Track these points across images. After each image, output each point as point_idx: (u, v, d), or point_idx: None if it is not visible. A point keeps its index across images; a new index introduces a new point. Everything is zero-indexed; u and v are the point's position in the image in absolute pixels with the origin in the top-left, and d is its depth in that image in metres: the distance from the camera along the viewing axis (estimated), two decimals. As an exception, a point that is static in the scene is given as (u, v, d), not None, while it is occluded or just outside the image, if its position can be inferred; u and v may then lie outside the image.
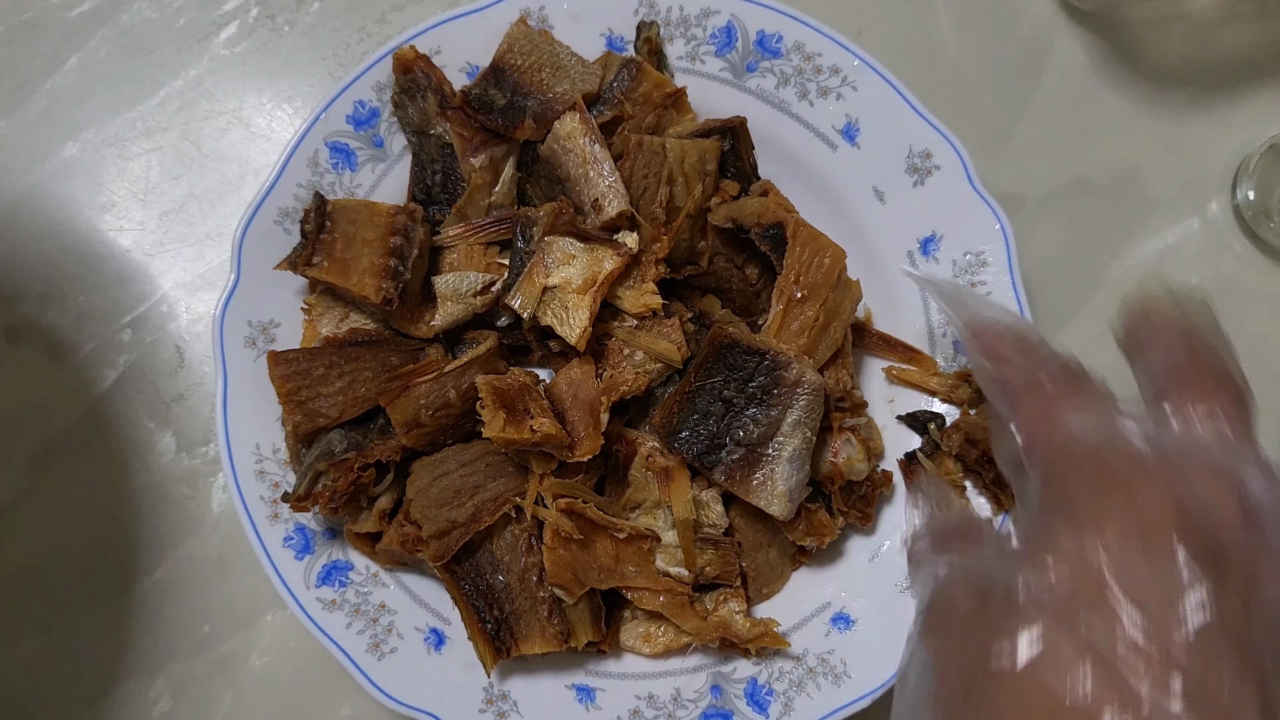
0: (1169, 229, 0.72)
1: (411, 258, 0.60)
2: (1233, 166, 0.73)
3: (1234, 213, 0.73)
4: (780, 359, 0.57)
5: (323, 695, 0.66)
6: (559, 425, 0.56)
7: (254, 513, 0.60)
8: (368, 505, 0.60)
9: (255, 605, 0.66)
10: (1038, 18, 0.74)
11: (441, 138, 0.64)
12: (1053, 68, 0.74)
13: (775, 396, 0.57)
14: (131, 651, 0.66)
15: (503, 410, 0.56)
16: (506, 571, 0.59)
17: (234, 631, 0.66)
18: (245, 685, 0.66)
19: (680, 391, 0.58)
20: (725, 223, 0.61)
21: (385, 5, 0.75)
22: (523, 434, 0.55)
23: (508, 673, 0.61)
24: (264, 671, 0.67)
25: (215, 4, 0.74)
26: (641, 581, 0.60)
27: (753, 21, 0.65)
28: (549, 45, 0.65)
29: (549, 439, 0.56)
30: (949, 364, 0.64)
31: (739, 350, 0.57)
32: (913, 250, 0.65)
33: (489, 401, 0.56)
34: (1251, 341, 0.71)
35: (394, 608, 0.61)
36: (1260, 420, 0.68)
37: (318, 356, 0.60)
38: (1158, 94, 0.74)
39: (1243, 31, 0.75)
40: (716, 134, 0.63)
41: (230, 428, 0.60)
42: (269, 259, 0.62)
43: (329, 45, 0.74)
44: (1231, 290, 0.72)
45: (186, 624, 0.66)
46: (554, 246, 0.60)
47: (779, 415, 0.57)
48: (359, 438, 0.60)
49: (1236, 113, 0.74)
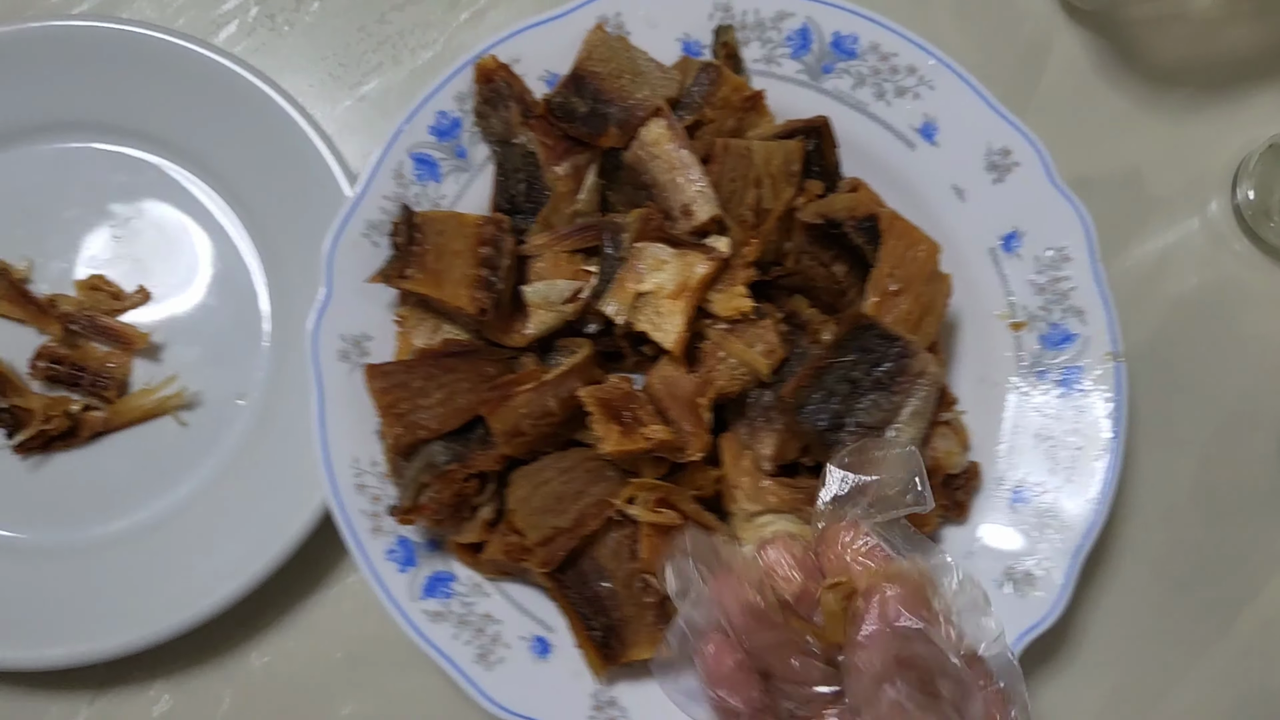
0: (1169, 229, 0.73)
1: (503, 267, 0.60)
2: (1233, 166, 0.74)
3: (1234, 212, 0.74)
4: (910, 348, 0.58)
5: (323, 695, 0.67)
6: (669, 429, 0.57)
7: (356, 526, 0.60)
8: (470, 516, 0.60)
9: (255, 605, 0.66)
10: (1038, 18, 0.75)
11: (525, 147, 0.64)
12: (1053, 68, 0.74)
13: (898, 384, 0.57)
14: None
15: (614, 423, 0.56)
16: (611, 578, 0.60)
17: (234, 631, 0.66)
18: (245, 685, 0.67)
19: (812, 366, 0.59)
20: (816, 219, 0.61)
21: (385, 5, 0.75)
22: (638, 444, 0.56)
23: (613, 679, 0.61)
24: (264, 671, 0.67)
25: (215, 4, 0.75)
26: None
27: (828, 23, 0.66)
28: (627, 51, 0.65)
29: (662, 445, 0.56)
30: (1034, 360, 0.65)
31: (874, 333, 0.58)
32: (994, 247, 0.65)
33: (598, 416, 0.56)
34: (1251, 341, 0.72)
35: (499, 617, 0.61)
36: (1260, 420, 0.70)
37: (415, 369, 0.60)
38: (1158, 94, 0.75)
39: (1243, 31, 0.76)
40: (800, 135, 0.64)
41: (329, 442, 0.60)
42: (358, 272, 0.62)
43: (329, 45, 0.74)
44: (1231, 290, 0.73)
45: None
46: (645, 252, 0.60)
47: (898, 403, 0.57)
48: (460, 449, 0.60)
49: (1236, 113, 0.75)
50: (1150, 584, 0.69)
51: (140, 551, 0.66)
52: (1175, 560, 0.70)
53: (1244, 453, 0.71)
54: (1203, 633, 0.69)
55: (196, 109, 0.69)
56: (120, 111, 0.70)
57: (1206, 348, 0.71)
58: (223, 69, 0.68)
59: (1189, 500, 0.70)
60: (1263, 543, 0.70)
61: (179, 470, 0.68)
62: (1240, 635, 0.69)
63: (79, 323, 0.68)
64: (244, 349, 0.69)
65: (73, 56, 0.69)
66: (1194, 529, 0.70)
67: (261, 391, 0.69)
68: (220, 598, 0.63)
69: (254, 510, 0.65)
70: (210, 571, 0.63)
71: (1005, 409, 0.65)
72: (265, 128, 0.68)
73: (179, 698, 0.66)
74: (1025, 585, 0.62)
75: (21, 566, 0.66)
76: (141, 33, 0.68)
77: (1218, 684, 0.68)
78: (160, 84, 0.69)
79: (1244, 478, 0.71)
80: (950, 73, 0.65)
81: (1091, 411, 0.63)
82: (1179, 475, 0.71)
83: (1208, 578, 0.70)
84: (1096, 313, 0.64)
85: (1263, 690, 0.69)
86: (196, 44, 0.68)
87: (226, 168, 0.70)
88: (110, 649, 0.62)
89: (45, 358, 0.68)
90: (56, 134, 0.71)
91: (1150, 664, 0.69)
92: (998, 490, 0.64)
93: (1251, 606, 0.69)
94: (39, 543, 0.67)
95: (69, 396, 0.68)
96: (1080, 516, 0.62)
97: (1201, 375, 0.71)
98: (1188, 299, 0.71)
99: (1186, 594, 0.69)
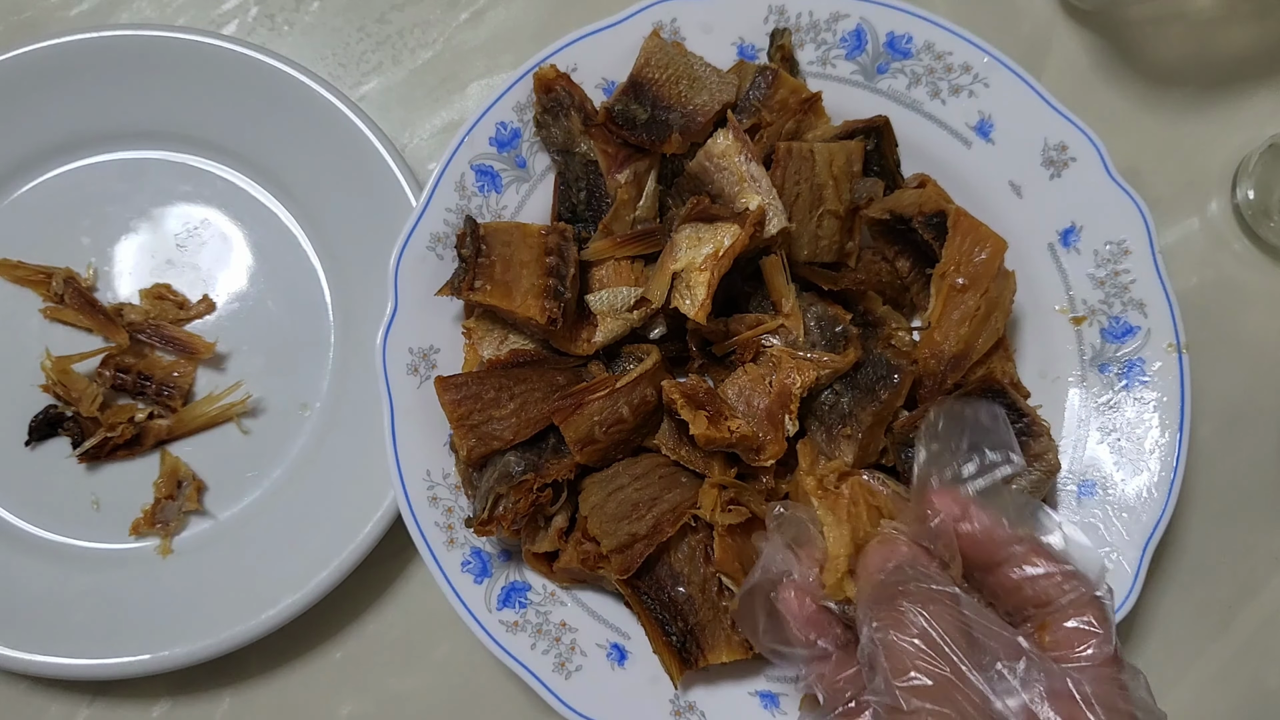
0: (1169, 229, 0.73)
1: (569, 276, 0.60)
2: (1232, 166, 0.74)
3: (1234, 212, 0.74)
4: (1036, 428, 0.58)
5: (323, 695, 0.67)
6: (750, 426, 0.57)
7: (431, 539, 0.60)
8: (544, 525, 0.60)
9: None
10: (1038, 18, 0.76)
11: (585, 155, 0.64)
12: (1053, 68, 0.75)
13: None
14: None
15: (701, 410, 0.56)
16: (687, 583, 0.60)
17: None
18: (245, 685, 0.67)
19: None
20: (883, 214, 0.61)
21: (384, 4, 0.75)
22: (722, 433, 0.56)
23: (689, 684, 0.61)
24: (264, 671, 0.67)
25: (215, 3, 0.75)
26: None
27: (882, 23, 0.66)
28: (683, 57, 0.65)
29: (744, 440, 0.57)
30: (1096, 354, 0.65)
31: (1003, 401, 0.58)
32: (1053, 242, 0.66)
33: (684, 405, 0.56)
34: (1252, 341, 0.72)
35: (574, 625, 0.61)
36: (1260, 420, 0.70)
37: (486, 380, 0.60)
38: (1158, 94, 0.75)
39: (1242, 31, 0.76)
40: (860, 134, 0.64)
41: (400, 456, 0.60)
42: (424, 285, 0.62)
43: (328, 45, 0.75)
44: (1231, 290, 0.73)
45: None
46: (682, 233, 0.60)
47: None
48: (534, 458, 0.60)
49: (1236, 112, 0.75)
50: (1150, 583, 0.68)
51: (203, 561, 0.66)
52: (1175, 560, 0.70)
53: (1244, 453, 0.71)
54: (1202, 632, 0.69)
55: (262, 119, 0.69)
56: (187, 121, 0.70)
57: (1206, 347, 0.71)
58: (289, 79, 0.68)
59: (1189, 500, 0.70)
60: (1263, 543, 0.70)
61: (243, 479, 0.68)
62: (1239, 635, 0.69)
63: (145, 332, 0.69)
64: (309, 358, 0.70)
65: (136, 66, 0.69)
66: (1194, 529, 0.70)
67: (325, 401, 0.69)
68: (285, 607, 0.63)
69: (319, 519, 0.65)
70: (274, 581, 0.64)
71: (1068, 403, 0.65)
72: (332, 138, 0.68)
73: (179, 698, 0.67)
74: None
75: (83, 574, 0.66)
76: (209, 43, 0.68)
77: (1217, 683, 0.69)
78: (225, 94, 0.69)
79: (1244, 478, 0.71)
80: (1005, 69, 0.65)
81: (1155, 403, 0.64)
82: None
83: (1208, 578, 0.70)
84: (1158, 304, 0.64)
85: (1262, 690, 0.69)
86: (264, 54, 0.68)
87: (291, 176, 0.70)
88: (176, 659, 0.63)
89: (111, 366, 0.68)
90: (121, 143, 0.71)
91: (1150, 663, 0.69)
92: (1064, 484, 0.64)
93: (1251, 606, 0.70)
94: (100, 550, 0.67)
95: (134, 404, 0.68)
96: (1147, 507, 0.62)
97: (1201, 375, 0.71)
98: (1188, 299, 0.71)
99: (1186, 594, 0.69)
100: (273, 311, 0.70)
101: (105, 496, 0.68)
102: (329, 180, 0.69)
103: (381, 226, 0.66)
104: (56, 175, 0.71)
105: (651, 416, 0.61)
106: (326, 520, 0.65)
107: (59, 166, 0.71)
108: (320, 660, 0.67)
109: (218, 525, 0.68)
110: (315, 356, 0.69)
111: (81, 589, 0.65)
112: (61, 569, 0.66)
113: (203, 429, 0.69)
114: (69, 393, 0.67)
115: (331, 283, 0.70)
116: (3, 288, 0.70)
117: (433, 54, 0.75)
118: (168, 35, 0.68)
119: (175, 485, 0.67)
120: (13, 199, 0.71)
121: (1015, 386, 0.61)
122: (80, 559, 0.67)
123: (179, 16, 0.74)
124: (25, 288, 0.69)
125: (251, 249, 0.71)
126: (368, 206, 0.68)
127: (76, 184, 0.71)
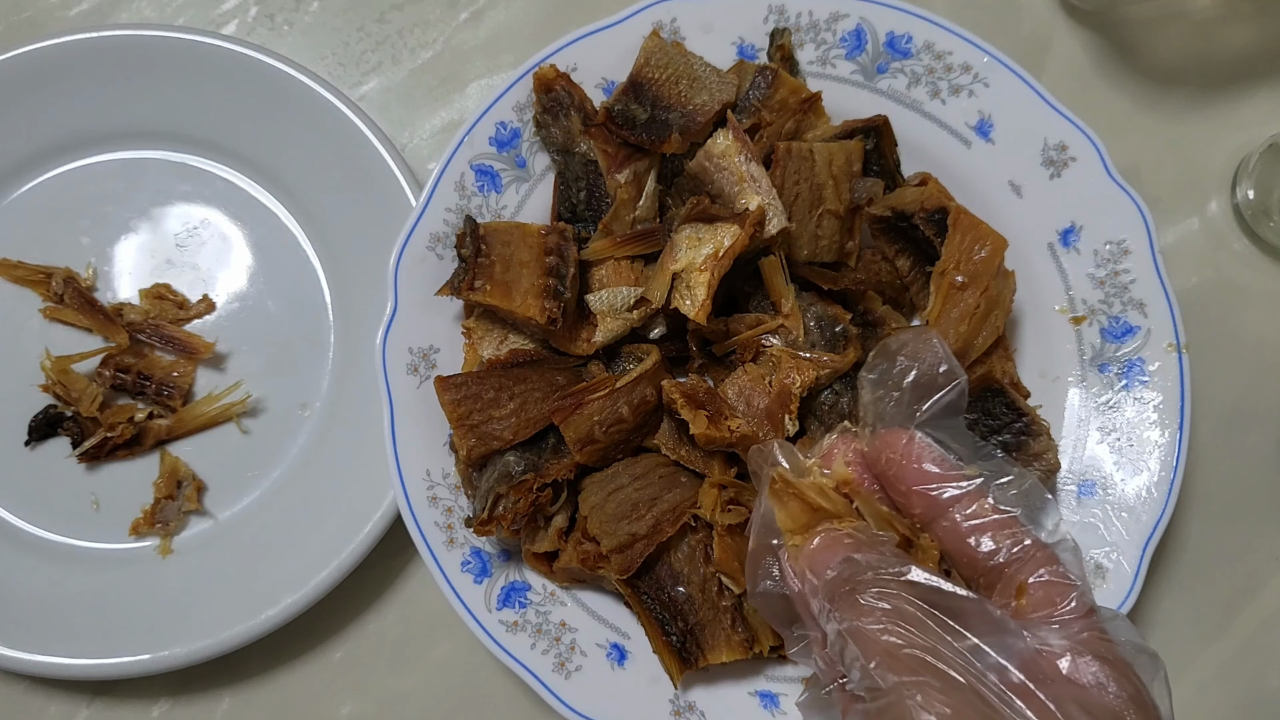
0: (1169, 229, 0.73)
1: (569, 276, 0.61)
2: (1232, 166, 0.74)
3: (1234, 212, 0.74)
4: (1035, 428, 0.58)
5: (323, 695, 0.67)
6: (749, 425, 0.57)
7: (430, 539, 0.60)
8: (544, 525, 0.60)
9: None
10: (1038, 17, 0.76)
11: (585, 155, 0.64)
12: (1052, 67, 0.75)
13: (1012, 459, 0.57)
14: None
15: (701, 410, 0.56)
16: (687, 583, 0.60)
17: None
18: (245, 685, 0.67)
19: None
20: (885, 212, 0.62)
21: (384, 4, 0.76)
22: (722, 433, 0.56)
23: (689, 684, 0.61)
24: (264, 671, 0.67)
25: (214, 3, 0.75)
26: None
27: (882, 23, 0.66)
28: (683, 57, 0.65)
29: (744, 440, 0.57)
30: (1095, 354, 0.65)
31: (1002, 401, 0.58)
32: (1053, 242, 0.66)
33: (684, 405, 0.56)
34: (1252, 341, 0.72)
35: (574, 625, 0.61)
36: (1260, 420, 0.70)
37: (486, 380, 0.60)
38: (1157, 93, 0.75)
39: (1243, 31, 0.76)
40: (859, 134, 0.64)
41: (400, 456, 0.60)
42: (423, 285, 0.62)
43: (328, 44, 0.75)
44: (1231, 290, 0.73)
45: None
46: (682, 233, 0.60)
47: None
48: (534, 458, 0.60)
49: (1236, 112, 0.75)
50: (1150, 583, 0.68)
51: (203, 561, 0.66)
52: (1175, 560, 0.70)
53: (1244, 453, 0.71)
54: (1202, 632, 0.69)
55: (262, 119, 0.69)
56: (187, 121, 0.71)
57: (1206, 347, 0.71)
58: (289, 79, 0.68)
59: (1189, 500, 0.70)
60: (1263, 543, 0.70)
61: (243, 479, 0.68)
62: (1239, 635, 0.69)
63: (145, 331, 0.69)
64: (309, 358, 0.70)
65: (136, 66, 0.69)
66: (1194, 529, 0.70)
67: (325, 401, 0.69)
68: (285, 607, 0.63)
69: (319, 519, 0.65)
70: (274, 581, 0.64)
71: (1068, 403, 0.65)
72: (332, 138, 0.68)
73: (178, 698, 0.67)
74: (1095, 577, 0.62)
75: (83, 574, 0.66)
76: (209, 43, 0.68)
77: (1217, 683, 0.69)
78: (225, 94, 0.69)
79: (1244, 478, 0.71)
80: (1005, 69, 0.65)
81: (1154, 403, 0.64)
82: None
83: (1207, 577, 0.70)
84: (1158, 305, 0.64)
85: (1261, 689, 0.69)
86: (264, 54, 0.68)
87: (291, 176, 0.70)
88: (176, 659, 0.63)
89: (111, 366, 0.68)
90: (121, 143, 0.71)
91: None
92: (1064, 484, 0.64)
93: (1251, 606, 0.70)
94: (100, 550, 0.67)
95: (134, 404, 0.68)
96: (1147, 507, 0.63)
97: (1201, 375, 0.71)
98: (1187, 299, 0.71)
99: (1186, 594, 0.69)
100: (272, 311, 0.70)
101: (105, 496, 0.68)
102: (329, 180, 0.69)
103: (381, 226, 0.66)
104: (56, 175, 0.71)
105: (651, 416, 0.61)
106: (326, 520, 0.65)
107: (59, 166, 0.71)
108: (320, 660, 0.67)
109: (218, 525, 0.68)
110: (315, 356, 0.69)
111: (81, 589, 0.65)
112: (61, 569, 0.66)
113: (202, 429, 0.69)
114: (69, 393, 0.67)
115: (331, 283, 0.70)
116: (3, 288, 0.70)
117: (432, 54, 0.75)
118: (167, 35, 0.68)
119: (175, 485, 0.67)
120: (13, 199, 0.71)
121: (1015, 386, 0.61)
122: (80, 559, 0.67)
123: (179, 16, 0.74)
124: (25, 288, 0.70)
125: (251, 249, 0.71)
126: (368, 206, 0.68)
127: (76, 184, 0.71)
